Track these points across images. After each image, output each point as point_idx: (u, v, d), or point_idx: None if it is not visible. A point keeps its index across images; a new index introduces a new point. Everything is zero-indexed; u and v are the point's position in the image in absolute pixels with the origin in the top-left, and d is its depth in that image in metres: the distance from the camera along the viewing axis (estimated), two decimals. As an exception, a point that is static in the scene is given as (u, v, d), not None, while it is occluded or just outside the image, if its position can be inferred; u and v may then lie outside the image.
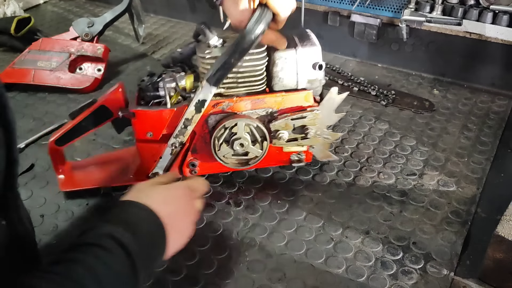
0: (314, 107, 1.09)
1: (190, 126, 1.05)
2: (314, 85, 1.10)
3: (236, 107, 1.07)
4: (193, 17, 2.08)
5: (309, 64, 1.08)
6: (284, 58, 1.07)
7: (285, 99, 1.08)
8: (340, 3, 1.68)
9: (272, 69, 1.08)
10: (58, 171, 1.18)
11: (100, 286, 0.61)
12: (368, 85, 1.58)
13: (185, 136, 1.07)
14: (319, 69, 1.08)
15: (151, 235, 0.73)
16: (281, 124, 1.09)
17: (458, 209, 1.12)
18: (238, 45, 0.94)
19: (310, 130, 1.09)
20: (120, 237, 0.67)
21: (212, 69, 0.97)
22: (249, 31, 0.93)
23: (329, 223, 1.10)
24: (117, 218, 0.72)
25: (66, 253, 0.63)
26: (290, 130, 1.10)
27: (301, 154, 1.16)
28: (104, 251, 0.64)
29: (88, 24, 1.65)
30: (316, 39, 1.11)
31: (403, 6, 1.56)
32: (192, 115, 1.04)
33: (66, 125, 1.13)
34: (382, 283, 0.95)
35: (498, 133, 1.37)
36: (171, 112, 1.07)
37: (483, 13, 1.45)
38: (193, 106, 1.02)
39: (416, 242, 1.04)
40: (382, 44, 1.69)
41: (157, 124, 1.08)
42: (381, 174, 1.23)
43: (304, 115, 1.08)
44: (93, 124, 1.13)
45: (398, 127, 1.41)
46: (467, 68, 1.58)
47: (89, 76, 1.63)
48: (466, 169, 1.24)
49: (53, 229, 1.10)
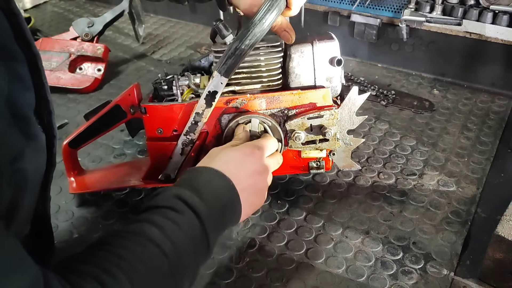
0: (333, 107, 1.03)
1: (201, 122, 1.00)
2: (333, 83, 1.04)
3: (250, 105, 1.02)
4: (193, 17, 2.08)
5: (327, 59, 1.02)
6: (300, 51, 1.01)
7: (302, 97, 1.02)
8: (340, 3, 1.68)
9: (288, 64, 1.02)
10: (70, 174, 1.14)
11: (172, 244, 0.63)
12: (368, 85, 1.58)
13: (195, 134, 1.02)
14: (337, 65, 1.02)
15: (221, 199, 0.73)
16: (297, 123, 1.02)
17: (458, 209, 1.12)
18: (249, 32, 0.89)
19: (328, 131, 1.02)
20: (190, 199, 0.68)
21: (222, 57, 0.93)
22: (261, 17, 0.89)
23: (329, 223, 1.10)
24: (188, 183, 0.73)
25: (138, 215, 0.65)
26: (307, 131, 1.04)
27: (321, 161, 1.09)
28: (173, 212, 0.66)
29: (88, 24, 1.65)
30: (333, 35, 1.06)
31: (403, 6, 1.56)
32: (203, 108, 0.99)
33: (80, 127, 1.11)
34: (382, 283, 0.95)
35: (498, 133, 1.37)
36: (181, 107, 1.02)
37: (483, 13, 1.45)
38: (203, 99, 0.98)
39: (416, 242, 1.04)
40: (382, 44, 1.70)
41: (167, 120, 1.04)
42: (381, 174, 1.23)
43: (321, 113, 1.02)
44: (107, 125, 1.12)
45: (398, 127, 1.41)
46: (467, 68, 1.58)
47: (89, 76, 1.63)
48: (466, 169, 1.24)
49: (53, 229, 1.10)
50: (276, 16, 0.90)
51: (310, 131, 1.04)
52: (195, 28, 2.05)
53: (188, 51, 1.88)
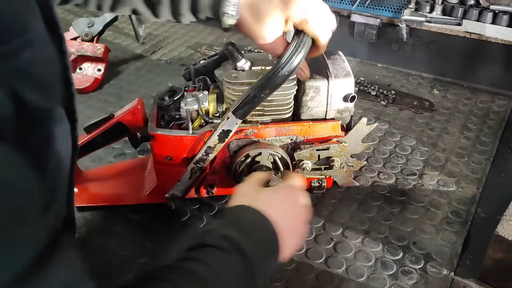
0: (341, 137, 1.04)
1: (212, 154, 1.00)
2: (344, 115, 1.05)
3: (260, 134, 1.02)
4: (193, 17, 2.08)
5: (341, 95, 1.02)
6: (315, 88, 1.00)
7: (312, 128, 1.03)
8: (340, 3, 1.68)
9: (301, 97, 1.01)
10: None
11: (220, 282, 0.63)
12: (368, 85, 1.58)
13: (205, 163, 1.02)
14: (350, 101, 1.02)
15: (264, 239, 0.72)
16: (305, 154, 1.03)
17: (458, 209, 1.12)
18: (270, 80, 0.86)
19: (335, 162, 1.04)
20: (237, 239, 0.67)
21: (239, 101, 0.91)
22: (285, 63, 0.84)
23: (329, 223, 1.10)
24: (232, 222, 0.72)
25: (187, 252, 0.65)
26: (315, 161, 1.04)
27: (323, 181, 1.10)
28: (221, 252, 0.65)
29: (88, 24, 1.64)
30: (348, 65, 1.04)
31: (403, 6, 1.56)
32: (215, 143, 0.98)
33: (81, 138, 1.08)
34: (382, 283, 0.95)
35: (498, 133, 1.37)
36: (193, 139, 1.01)
37: (483, 13, 1.45)
38: (217, 136, 0.97)
39: (416, 242, 1.04)
40: (382, 44, 1.69)
41: (177, 150, 1.02)
42: (381, 174, 1.23)
43: (330, 146, 1.03)
44: (108, 139, 1.11)
45: (398, 127, 1.41)
46: (467, 68, 1.58)
47: (89, 76, 1.63)
48: (466, 169, 1.24)
49: (53, 229, 1.10)
50: (302, 60, 0.85)
51: (317, 160, 1.04)
52: (195, 28, 2.04)
53: (188, 51, 1.88)
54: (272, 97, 0.96)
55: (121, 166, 1.27)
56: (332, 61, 1.05)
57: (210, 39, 1.96)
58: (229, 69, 1.01)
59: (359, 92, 1.57)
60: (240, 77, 0.98)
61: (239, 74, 0.99)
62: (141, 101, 1.09)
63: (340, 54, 1.08)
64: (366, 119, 1.05)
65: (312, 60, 0.98)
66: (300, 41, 0.85)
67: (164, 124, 1.06)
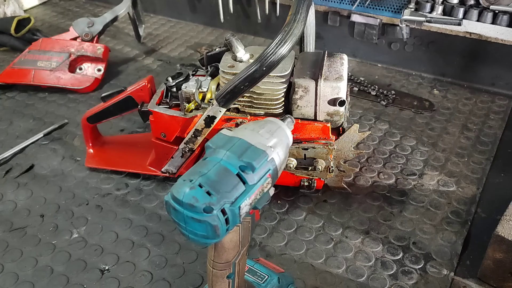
0: (330, 140, 1.04)
1: (200, 137, 1.06)
2: (335, 119, 1.04)
3: None
4: (193, 17, 2.08)
5: (330, 98, 1.01)
6: (304, 87, 1.01)
7: (300, 127, 1.04)
8: (340, 3, 1.68)
9: (292, 95, 1.03)
10: (88, 145, 1.29)
11: None
12: (368, 85, 1.58)
13: (195, 144, 1.08)
14: (339, 105, 1.01)
15: None
16: (292, 151, 1.04)
17: (458, 209, 1.12)
18: (248, 73, 0.88)
19: (319, 164, 1.04)
20: None
21: (222, 89, 0.95)
22: (268, 55, 0.86)
23: (329, 223, 1.10)
24: None
25: None
26: (301, 159, 1.05)
27: (313, 181, 1.11)
28: None
29: (88, 24, 1.64)
30: (345, 70, 1.03)
31: (403, 6, 1.56)
32: (202, 127, 1.04)
33: (98, 106, 1.23)
34: (382, 283, 0.95)
35: (498, 133, 1.37)
36: (183, 120, 1.08)
37: (483, 13, 1.45)
38: (203, 120, 1.03)
39: (416, 242, 1.04)
40: (382, 44, 1.69)
41: (170, 128, 1.10)
42: (381, 174, 1.23)
43: (316, 146, 1.03)
44: (120, 110, 1.23)
45: (398, 127, 1.41)
46: (467, 68, 1.58)
47: (89, 76, 1.63)
48: (466, 169, 1.24)
49: (53, 229, 1.10)
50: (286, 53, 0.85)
51: (303, 159, 1.05)
52: (195, 28, 2.05)
53: (188, 51, 1.88)
54: (262, 91, 1.01)
55: (136, 137, 1.39)
56: (330, 63, 1.05)
57: (210, 39, 1.96)
58: (228, 59, 1.06)
59: (359, 92, 1.57)
60: (236, 67, 1.02)
61: (236, 64, 1.03)
62: (151, 79, 1.20)
63: (343, 57, 1.08)
64: (358, 126, 1.05)
65: (311, 59, 0.98)
66: (286, 33, 0.85)
67: (166, 103, 1.14)
